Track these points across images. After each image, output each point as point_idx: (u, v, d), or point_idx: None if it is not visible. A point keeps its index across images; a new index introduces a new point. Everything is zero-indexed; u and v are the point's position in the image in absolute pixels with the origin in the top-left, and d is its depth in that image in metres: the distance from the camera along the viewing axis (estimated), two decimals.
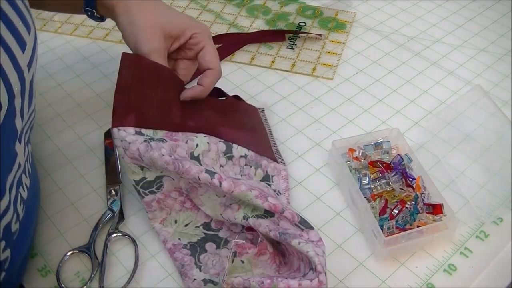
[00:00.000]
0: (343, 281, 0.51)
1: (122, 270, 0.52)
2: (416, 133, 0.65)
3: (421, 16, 0.85)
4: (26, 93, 0.44)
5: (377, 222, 0.52)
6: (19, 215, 0.45)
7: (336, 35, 0.81)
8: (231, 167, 0.55)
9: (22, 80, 0.42)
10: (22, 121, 0.44)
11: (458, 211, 0.56)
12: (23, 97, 0.43)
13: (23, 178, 0.46)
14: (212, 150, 0.54)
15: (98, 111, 0.68)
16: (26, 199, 0.47)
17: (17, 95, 0.41)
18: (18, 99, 0.42)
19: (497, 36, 0.80)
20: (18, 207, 0.45)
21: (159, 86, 0.55)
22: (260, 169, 0.57)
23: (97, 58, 0.76)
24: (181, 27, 0.57)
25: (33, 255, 0.53)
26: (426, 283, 0.51)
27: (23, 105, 0.43)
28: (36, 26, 0.45)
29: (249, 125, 0.62)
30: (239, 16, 0.84)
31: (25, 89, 0.43)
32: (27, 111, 0.45)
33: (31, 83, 0.45)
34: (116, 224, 0.54)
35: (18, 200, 0.45)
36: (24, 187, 0.47)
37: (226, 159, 0.55)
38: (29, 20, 0.44)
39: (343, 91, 0.71)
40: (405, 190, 0.56)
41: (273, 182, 0.58)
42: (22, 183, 0.46)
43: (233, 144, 0.56)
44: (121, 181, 0.59)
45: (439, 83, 0.72)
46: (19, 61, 0.41)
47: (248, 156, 0.57)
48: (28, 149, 0.48)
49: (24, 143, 0.46)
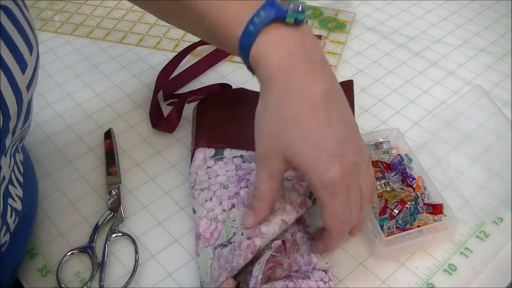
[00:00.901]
0: (343, 281, 0.51)
1: (122, 270, 0.52)
2: (416, 133, 0.65)
3: (421, 16, 0.85)
4: (23, 114, 0.42)
5: (377, 222, 0.52)
6: (9, 227, 0.44)
7: (336, 35, 0.81)
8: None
9: (19, 102, 0.40)
10: (13, 138, 0.43)
11: (458, 211, 0.56)
12: (18, 118, 0.41)
13: (11, 189, 0.45)
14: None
15: (98, 111, 0.68)
16: (21, 210, 0.46)
17: (13, 117, 0.40)
18: (14, 120, 0.40)
19: (497, 36, 0.80)
20: (9, 219, 0.44)
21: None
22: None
23: (97, 58, 0.76)
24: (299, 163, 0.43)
25: (33, 255, 0.53)
26: (426, 283, 0.51)
27: (17, 124, 0.42)
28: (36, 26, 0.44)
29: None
30: None
31: (21, 110, 0.41)
32: (20, 128, 0.43)
33: (29, 103, 0.43)
34: (116, 224, 0.54)
35: (8, 212, 0.44)
36: (15, 198, 0.45)
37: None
38: (32, 39, 0.42)
39: None
40: (405, 190, 0.55)
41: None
42: (11, 194, 0.45)
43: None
44: (121, 181, 0.59)
45: (439, 83, 0.72)
46: (19, 83, 0.39)
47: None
48: (15, 159, 0.46)
49: (10, 155, 0.44)
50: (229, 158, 0.56)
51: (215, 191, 0.53)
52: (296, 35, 0.44)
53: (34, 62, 0.42)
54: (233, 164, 0.56)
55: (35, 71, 0.43)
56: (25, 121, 0.44)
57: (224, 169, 0.55)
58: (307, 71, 0.44)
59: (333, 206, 0.44)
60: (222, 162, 0.56)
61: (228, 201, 0.52)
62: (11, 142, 0.43)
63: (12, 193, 0.45)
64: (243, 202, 0.52)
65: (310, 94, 0.43)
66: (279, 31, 0.44)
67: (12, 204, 0.45)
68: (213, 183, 0.54)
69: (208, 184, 0.54)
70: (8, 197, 0.44)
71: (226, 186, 0.54)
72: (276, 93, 0.44)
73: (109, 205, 0.56)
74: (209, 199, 0.53)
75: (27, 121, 0.45)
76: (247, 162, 0.56)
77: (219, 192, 0.53)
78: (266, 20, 0.43)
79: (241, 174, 0.55)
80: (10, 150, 0.45)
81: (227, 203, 0.52)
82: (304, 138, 0.42)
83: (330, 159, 0.42)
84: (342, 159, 0.43)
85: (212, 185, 0.54)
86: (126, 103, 0.69)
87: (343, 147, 0.43)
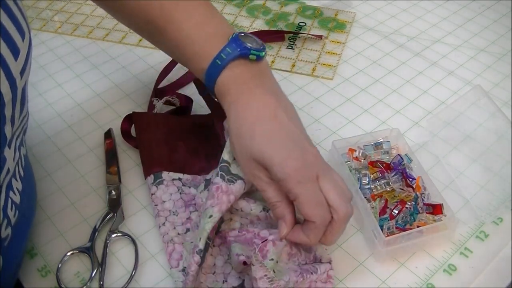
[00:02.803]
0: (343, 281, 0.51)
1: (122, 270, 0.52)
2: (416, 133, 0.65)
3: (421, 16, 0.85)
4: (18, 101, 0.43)
5: (377, 222, 0.52)
6: (10, 220, 0.45)
7: (336, 35, 0.81)
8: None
9: (14, 89, 0.40)
10: (13, 127, 0.43)
11: (458, 211, 0.56)
12: (14, 105, 0.42)
13: (14, 182, 0.45)
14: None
15: (98, 111, 0.68)
16: (20, 204, 0.47)
17: (8, 104, 0.40)
18: (9, 107, 0.41)
19: (497, 36, 0.80)
20: (9, 212, 0.44)
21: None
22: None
23: (97, 58, 0.76)
24: (266, 164, 0.47)
25: (33, 255, 0.53)
26: (426, 283, 0.51)
27: (14, 112, 0.42)
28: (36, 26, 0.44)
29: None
30: (239, 16, 0.84)
31: (16, 97, 0.42)
32: (18, 117, 0.44)
33: (23, 90, 0.43)
34: (116, 224, 0.54)
35: (9, 205, 0.44)
36: (15, 192, 0.46)
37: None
38: (24, 26, 0.42)
39: (343, 91, 0.71)
40: (405, 190, 0.56)
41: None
42: (12, 187, 0.45)
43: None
44: (121, 181, 0.59)
45: (439, 83, 0.72)
46: (12, 69, 0.40)
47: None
48: (20, 153, 0.47)
49: (15, 148, 0.45)
50: (168, 180, 0.56)
51: (166, 217, 0.54)
52: (255, 70, 0.51)
53: (26, 48, 0.43)
54: (175, 187, 0.56)
55: (28, 57, 0.44)
56: (21, 110, 0.44)
57: (168, 193, 0.55)
58: (261, 93, 0.50)
59: (305, 194, 0.46)
60: (163, 185, 0.56)
61: (182, 226, 0.53)
62: (13, 133, 0.44)
63: (13, 187, 0.46)
64: (196, 225, 0.53)
65: (263, 107, 0.49)
66: (241, 67, 0.50)
67: (12, 197, 0.45)
68: (161, 210, 0.54)
69: (157, 211, 0.54)
70: (10, 190, 0.45)
71: (175, 212, 0.54)
72: (234, 114, 0.50)
73: (109, 205, 0.56)
74: (162, 225, 0.53)
75: (23, 109, 0.45)
76: (186, 186, 0.57)
77: (170, 218, 0.54)
78: (232, 56, 0.50)
79: (186, 199, 0.55)
80: (15, 142, 0.45)
81: (181, 228, 0.53)
82: (264, 143, 0.47)
83: (289, 153, 0.47)
84: (301, 152, 0.47)
85: (161, 211, 0.54)
86: (126, 103, 0.69)
87: (299, 143, 0.48)
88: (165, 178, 0.56)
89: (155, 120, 0.63)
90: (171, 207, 0.55)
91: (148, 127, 0.62)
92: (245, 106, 0.49)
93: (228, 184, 0.50)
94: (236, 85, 0.50)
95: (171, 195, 0.55)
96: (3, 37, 0.39)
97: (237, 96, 0.50)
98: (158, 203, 0.55)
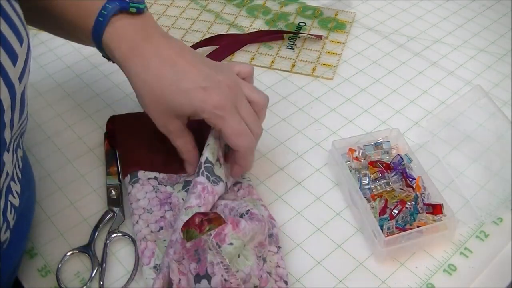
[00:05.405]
0: (343, 281, 0.51)
1: (122, 270, 0.52)
2: (416, 133, 0.65)
3: (421, 16, 0.85)
4: (17, 106, 0.42)
5: (377, 222, 0.52)
6: (9, 223, 0.44)
7: (336, 35, 0.81)
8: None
9: (12, 94, 0.40)
10: (12, 132, 0.43)
11: (458, 211, 0.56)
12: (13, 110, 0.41)
13: (12, 185, 0.45)
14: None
15: (98, 111, 0.68)
16: (19, 206, 0.46)
17: (7, 110, 0.40)
18: (8, 113, 0.40)
19: (497, 36, 0.80)
20: (9, 215, 0.44)
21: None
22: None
23: (97, 58, 0.75)
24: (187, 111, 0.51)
25: (33, 255, 0.53)
26: (426, 283, 0.51)
27: (13, 117, 0.42)
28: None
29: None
30: (239, 16, 0.84)
31: (15, 102, 0.41)
32: (17, 122, 0.44)
33: (22, 94, 0.43)
34: (116, 224, 0.54)
35: (8, 208, 0.44)
36: (14, 194, 0.46)
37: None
38: (22, 31, 0.42)
39: (343, 91, 0.71)
40: (405, 190, 0.56)
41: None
42: (11, 190, 0.45)
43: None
44: (121, 181, 0.59)
45: (439, 83, 0.72)
46: (10, 75, 0.40)
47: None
48: (17, 155, 0.47)
49: (13, 151, 0.45)
50: (144, 179, 0.56)
51: (140, 215, 0.54)
52: (138, 21, 0.53)
53: (25, 53, 0.43)
54: (150, 185, 0.56)
55: (27, 62, 0.43)
56: (21, 114, 0.44)
57: (143, 192, 0.55)
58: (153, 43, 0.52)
59: (228, 126, 0.50)
60: (138, 184, 0.56)
61: (155, 224, 0.53)
62: (12, 137, 0.44)
63: (12, 189, 0.45)
64: (170, 224, 0.53)
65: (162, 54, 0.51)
66: (123, 21, 0.52)
67: (11, 200, 0.45)
68: (136, 208, 0.54)
69: (132, 209, 0.54)
70: (9, 193, 0.44)
71: (149, 210, 0.54)
72: (134, 69, 0.51)
73: (109, 205, 0.56)
74: (135, 223, 0.53)
75: (23, 113, 0.45)
76: (162, 185, 0.56)
77: (144, 216, 0.54)
78: (112, 11, 0.51)
79: (161, 197, 0.55)
80: (13, 145, 0.45)
81: (154, 226, 0.53)
82: (177, 91, 0.50)
83: (204, 91, 0.50)
84: (216, 87, 0.50)
85: (135, 209, 0.54)
86: (126, 103, 0.69)
87: (212, 78, 0.51)
88: (140, 177, 0.56)
89: (133, 121, 0.63)
90: (146, 205, 0.54)
91: (126, 128, 0.62)
92: (142, 58, 0.51)
93: (212, 185, 0.51)
94: (124, 39, 0.52)
95: (146, 194, 0.55)
96: (1, 43, 0.39)
97: (129, 50, 0.52)
98: (133, 201, 0.55)
